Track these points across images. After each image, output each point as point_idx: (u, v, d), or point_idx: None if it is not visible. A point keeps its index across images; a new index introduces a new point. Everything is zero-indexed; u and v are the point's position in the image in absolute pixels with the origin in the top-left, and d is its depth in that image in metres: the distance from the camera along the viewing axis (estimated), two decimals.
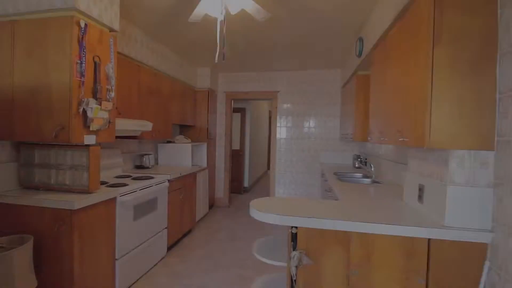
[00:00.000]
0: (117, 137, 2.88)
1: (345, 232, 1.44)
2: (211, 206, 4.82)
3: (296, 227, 1.48)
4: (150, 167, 3.42)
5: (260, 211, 1.52)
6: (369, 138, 2.45)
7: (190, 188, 3.61)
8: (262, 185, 7.30)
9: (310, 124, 4.67)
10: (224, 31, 1.78)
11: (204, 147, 4.38)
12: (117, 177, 2.73)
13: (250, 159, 6.56)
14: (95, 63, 1.90)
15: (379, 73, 2.22)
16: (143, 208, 2.49)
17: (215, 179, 5.04)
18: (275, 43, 3.38)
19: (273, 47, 3.54)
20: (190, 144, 3.84)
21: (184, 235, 3.51)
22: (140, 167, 3.35)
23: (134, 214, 2.34)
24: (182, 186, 3.34)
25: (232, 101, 5.05)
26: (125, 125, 2.48)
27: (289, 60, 4.13)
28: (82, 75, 1.79)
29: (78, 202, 1.72)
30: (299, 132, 4.71)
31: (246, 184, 6.35)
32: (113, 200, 2.08)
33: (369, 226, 1.39)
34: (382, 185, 2.53)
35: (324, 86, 4.60)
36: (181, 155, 3.83)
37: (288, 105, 4.74)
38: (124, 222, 2.21)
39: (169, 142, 4.07)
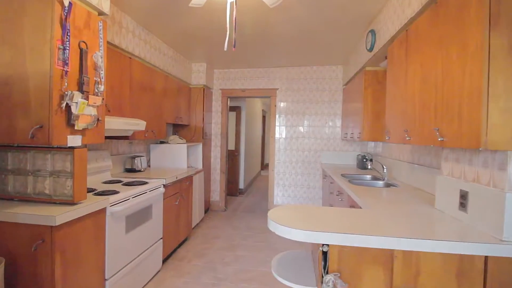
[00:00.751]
0: (106, 137, 2.58)
1: (386, 249, 1.22)
2: (206, 210, 4.54)
3: (327, 245, 1.25)
4: (142, 170, 3.12)
5: (283, 225, 1.28)
6: (386, 138, 2.25)
7: (187, 193, 3.33)
8: (257, 186, 7.07)
9: (311, 123, 4.47)
10: (235, 15, 1.52)
11: (199, 148, 4.10)
12: (105, 182, 2.42)
13: (246, 160, 6.31)
14: (81, 50, 1.60)
15: (401, 66, 2.03)
16: (137, 218, 2.21)
17: (211, 182, 4.76)
18: (278, 35, 3.14)
19: (275, 40, 3.31)
20: (185, 145, 3.55)
21: (180, 244, 3.22)
22: (131, 170, 3.04)
23: (126, 226, 2.05)
24: (178, 190, 3.06)
25: (228, 99, 4.78)
26: (116, 124, 2.18)
27: (289, 56, 3.90)
28: (65, 63, 1.50)
29: (60, 216, 1.42)
30: (299, 132, 4.50)
31: (241, 185, 6.09)
32: (102, 211, 1.79)
33: (416, 243, 1.18)
34: (398, 188, 2.35)
35: (325, 84, 4.40)
36: (175, 157, 3.54)
37: (287, 103, 4.52)
38: (115, 236, 1.92)
39: (162, 142, 3.77)
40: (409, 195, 2.05)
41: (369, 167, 2.68)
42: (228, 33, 1.57)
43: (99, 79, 1.73)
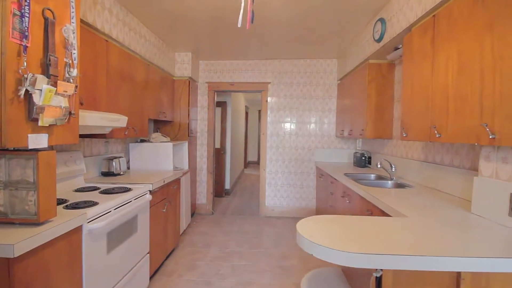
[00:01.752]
0: (79, 135, 2.16)
1: (450, 272, 0.99)
2: (192, 214, 4.17)
3: (381, 269, 1.00)
4: (121, 173, 2.70)
5: (325, 245, 1.01)
6: (403, 135, 2.06)
7: (175, 198, 2.96)
8: (242, 186, 6.77)
9: (304, 119, 4.25)
10: None
11: (185, 146, 3.72)
12: (79, 190, 2.00)
13: (231, 159, 5.98)
14: (46, 20, 1.21)
15: (424, 56, 1.83)
16: (120, 234, 1.83)
17: (197, 183, 4.39)
18: (272, 19, 2.85)
19: (268, 26, 3.02)
20: (171, 143, 3.16)
21: (168, 255, 2.85)
22: (108, 174, 2.61)
23: (108, 244, 1.68)
24: (166, 196, 2.68)
25: (215, 93, 4.42)
26: (92, 119, 1.78)
27: (282, 46, 3.63)
28: (23, 35, 1.10)
29: (20, 244, 1.04)
30: (292, 129, 4.26)
31: (227, 186, 5.76)
32: (78, 230, 1.41)
33: (489, 263, 0.96)
34: (413, 189, 2.17)
35: (319, 78, 4.19)
36: (160, 157, 3.15)
37: (280, 98, 4.26)
38: (94, 258, 1.54)
39: (142, 141, 3.35)
40: (431, 197, 1.87)
41: (378, 165, 2.49)
42: (243, 4, 1.25)
43: (70, 61, 1.34)
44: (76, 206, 1.56)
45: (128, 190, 2.05)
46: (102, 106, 2.18)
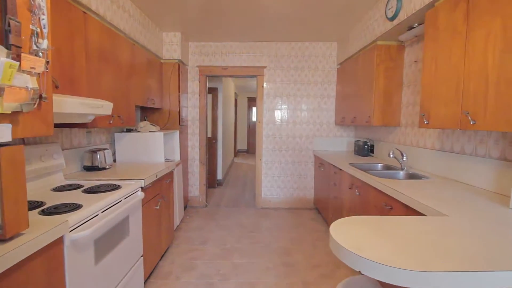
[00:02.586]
0: (55, 125, 1.85)
1: None
2: (184, 207, 3.93)
3: None
4: (107, 167, 2.40)
5: (380, 262, 0.81)
6: (425, 122, 1.89)
7: (168, 193, 2.70)
8: (234, 176, 6.55)
9: (302, 106, 4.03)
10: None
11: (176, 136, 3.43)
12: (57, 189, 1.71)
13: (223, 148, 5.72)
14: None
15: (454, 34, 1.63)
16: (110, 240, 1.57)
17: (188, 175, 4.13)
18: None
19: (265, 4, 2.73)
20: (161, 133, 2.87)
21: (162, 255, 2.62)
22: (92, 168, 2.31)
23: (96, 254, 1.42)
24: (159, 191, 2.42)
25: (207, 78, 4.10)
26: (72, 105, 1.48)
27: (278, 27, 3.34)
28: None
29: None
30: (289, 116, 4.04)
31: (219, 176, 5.53)
32: (58, 242, 1.14)
33: None
34: (431, 180, 2.03)
35: (318, 62, 3.96)
36: (149, 148, 2.85)
37: (276, 83, 4.01)
38: (80, 272, 1.29)
39: (129, 130, 3.04)
40: (456, 190, 1.72)
41: (391, 155, 2.33)
42: None
43: (39, 29, 1.03)
44: (55, 210, 1.29)
45: (117, 187, 1.77)
46: (82, 91, 1.86)
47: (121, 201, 1.69)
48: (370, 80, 2.83)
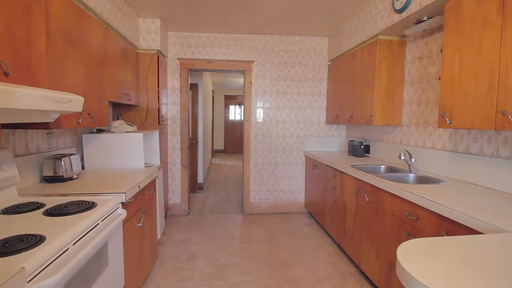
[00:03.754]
0: (4, 125, 1.42)
1: None
2: (165, 216, 3.52)
3: None
4: (74, 177, 1.96)
5: None
6: (447, 122, 1.72)
7: (150, 204, 2.31)
8: (214, 178, 6.18)
9: (292, 104, 3.80)
10: None
11: (155, 137, 3.01)
12: (8, 211, 1.28)
13: (204, 149, 5.33)
14: None
15: (485, 25, 1.47)
16: (84, 278, 1.19)
17: (168, 180, 3.71)
18: None
19: None
20: (141, 134, 2.46)
21: (145, 279, 2.22)
22: (55, 179, 1.86)
23: None
24: (141, 205, 2.03)
25: (189, 72, 3.70)
26: (29, 99, 1.07)
27: (268, 18, 3.07)
28: None
29: None
30: (279, 115, 3.79)
31: (200, 179, 5.13)
32: None
33: None
34: (447, 184, 1.89)
35: (309, 58, 3.75)
36: (126, 152, 2.42)
37: (266, 80, 3.73)
38: None
39: (99, 131, 2.57)
40: (480, 195, 1.58)
41: (402, 157, 2.17)
42: None
43: None
44: (4, 249, 0.89)
45: (91, 206, 1.38)
46: (41, 81, 1.43)
47: (98, 224, 1.31)
48: (371, 77, 2.66)
